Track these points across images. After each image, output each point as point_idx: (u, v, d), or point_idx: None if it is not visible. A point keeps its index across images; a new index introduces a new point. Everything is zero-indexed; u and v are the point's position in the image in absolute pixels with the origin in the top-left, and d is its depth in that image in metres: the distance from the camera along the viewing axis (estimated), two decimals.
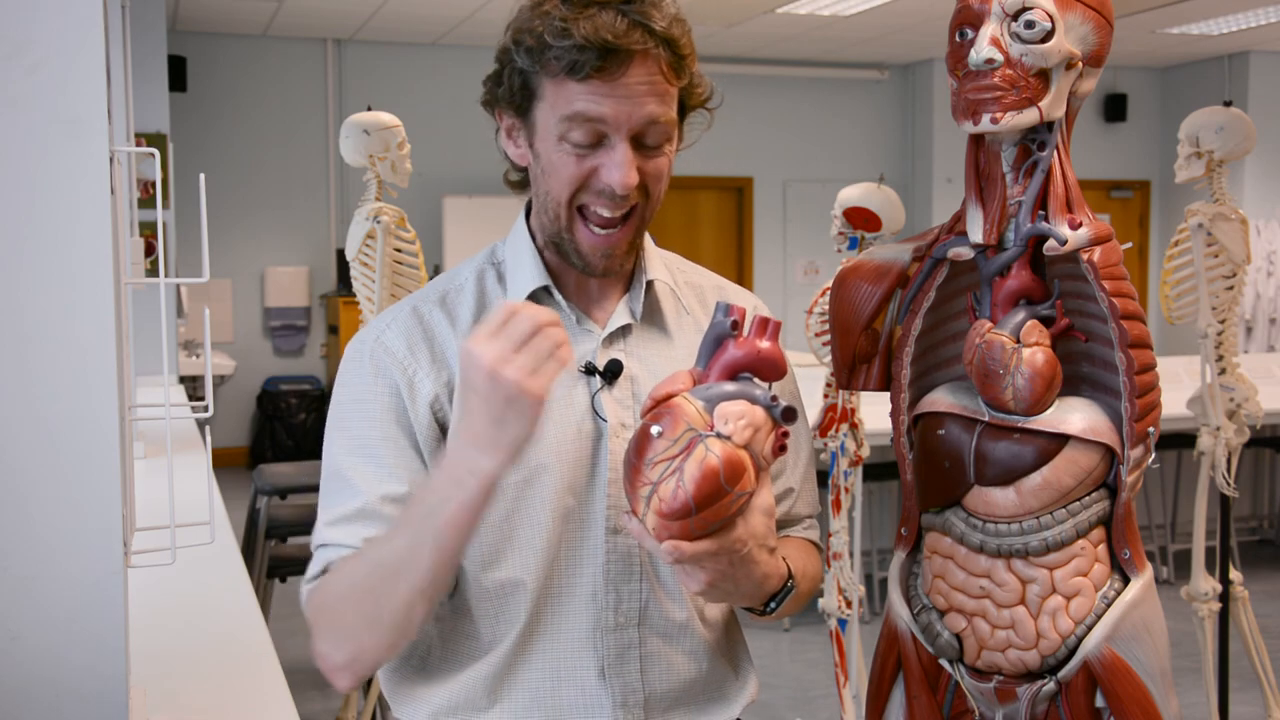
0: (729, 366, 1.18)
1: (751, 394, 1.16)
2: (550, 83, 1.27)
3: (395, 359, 1.33)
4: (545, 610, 1.33)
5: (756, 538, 1.19)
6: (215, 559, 2.40)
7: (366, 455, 1.30)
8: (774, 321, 1.19)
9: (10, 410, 1.19)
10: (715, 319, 1.19)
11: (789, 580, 1.30)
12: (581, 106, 1.25)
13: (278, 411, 8.92)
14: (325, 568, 1.28)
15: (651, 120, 1.27)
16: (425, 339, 1.34)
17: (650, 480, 1.13)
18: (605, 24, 1.23)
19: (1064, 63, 1.36)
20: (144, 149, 1.45)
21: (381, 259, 3.11)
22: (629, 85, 1.25)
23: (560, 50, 1.24)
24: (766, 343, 1.18)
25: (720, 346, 1.19)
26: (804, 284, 10.18)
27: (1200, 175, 3.19)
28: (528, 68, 1.28)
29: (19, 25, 1.16)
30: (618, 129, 1.26)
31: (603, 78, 1.24)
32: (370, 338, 1.35)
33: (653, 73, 1.27)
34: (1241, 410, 3.28)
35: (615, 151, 1.27)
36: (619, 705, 1.34)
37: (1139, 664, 1.41)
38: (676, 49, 1.28)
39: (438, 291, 1.39)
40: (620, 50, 1.23)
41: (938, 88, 9.93)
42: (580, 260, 1.33)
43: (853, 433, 3.09)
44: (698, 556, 1.15)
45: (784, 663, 4.57)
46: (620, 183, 1.27)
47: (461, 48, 9.09)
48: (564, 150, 1.28)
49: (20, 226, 1.18)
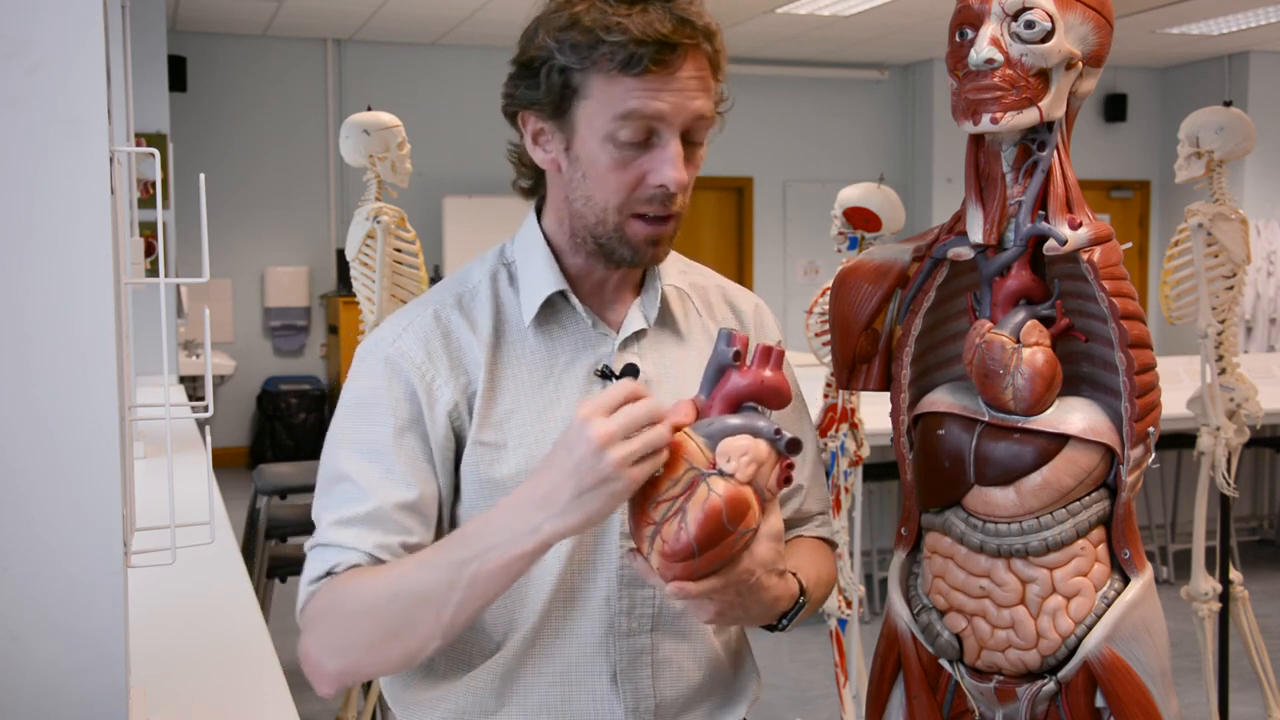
0: (732, 397, 1.15)
1: (755, 427, 1.13)
2: (600, 79, 1.25)
3: (413, 364, 1.30)
4: (557, 615, 1.32)
5: (764, 565, 1.17)
6: (215, 559, 2.40)
7: (377, 460, 1.28)
8: (777, 350, 1.16)
9: (10, 410, 1.19)
10: (718, 348, 1.16)
11: (800, 598, 1.29)
12: (637, 104, 1.24)
13: (278, 411, 8.92)
14: (330, 570, 1.25)
15: (700, 116, 1.27)
16: (444, 345, 1.32)
17: (654, 520, 1.11)
18: (658, 20, 1.23)
19: (1064, 63, 1.36)
20: (144, 149, 1.45)
21: (381, 259, 3.11)
22: (682, 80, 1.25)
23: (614, 46, 1.22)
24: (770, 372, 1.15)
25: (723, 376, 1.16)
26: (804, 284, 10.18)
27: (1200, 175, 3.19)
28: (573, 65, 1.25)
29: (19, 25, 1.16)
30: (671, 125, 1.25)
31: (660, 71, 1.23)
32: (387, 340, 1.33)
33: (701, 68, 1.26)
34: (1241, 410, 3.28)
35: (667, 149, 1.26)
36: (630, 711, 1.33)
37: (1139, 664, 1.41)
38: (716, 45, 1.28)
39: (453, 294, 1.36)
40: (675, 44, 1.23)
41: (938, 88, 9.93)
42: (630, 251, 1.31)
43: (853, 433, 3.09)
44: (704, 593, 1.13)
45: (784, 663, 4.57)
46: (674, 179, 1.26)
47: (461, 48, 9.09)
48: (610, 152, 1.26)
49: (20, 226, 1.18)
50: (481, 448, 1.30)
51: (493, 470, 1.30)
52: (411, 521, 1.27)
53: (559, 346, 1.34)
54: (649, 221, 1.29)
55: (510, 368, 1.33)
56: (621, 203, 1.28)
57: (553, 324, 1.35)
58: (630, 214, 1.29)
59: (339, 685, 1.24)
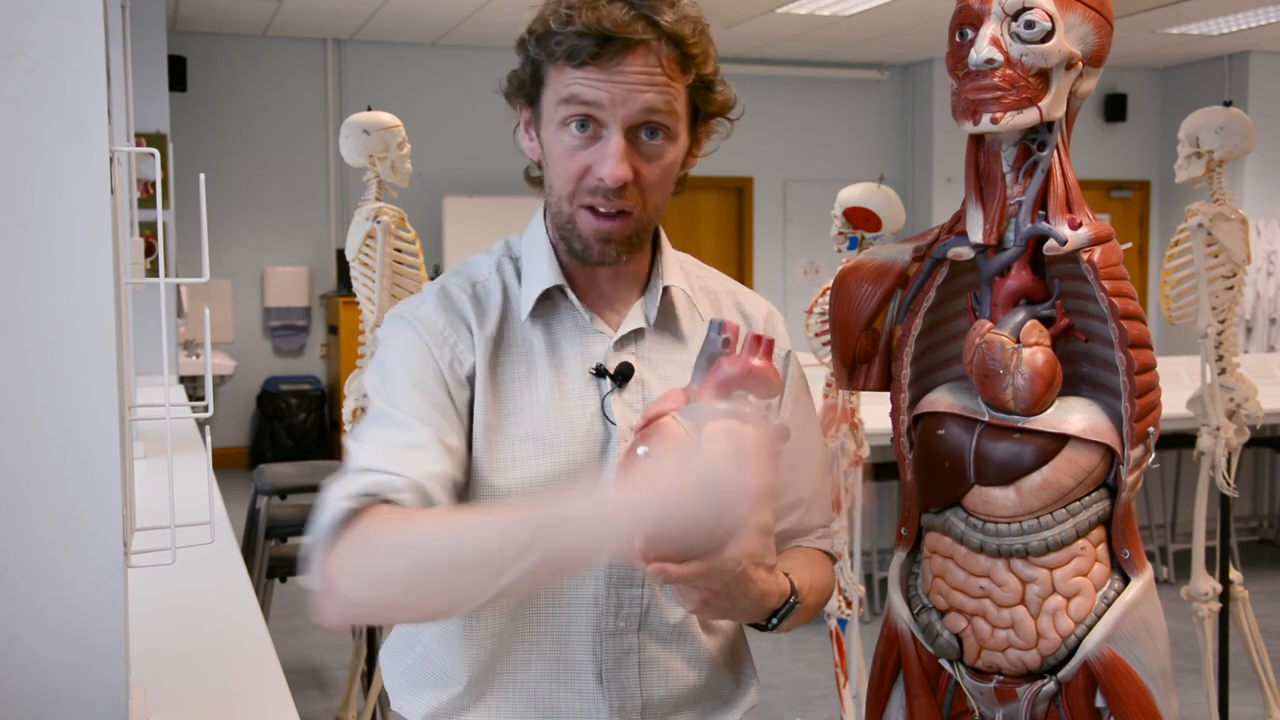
0: (722, 384, 1.17)
1: (742, 413, 1.13)
2: (553, 69, 1.29)
3: (436, 331, 1.33)
4: (544, 612, 1.33)
5: (752, 557, 1.16)
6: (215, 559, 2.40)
7: (425, 396, 1.29)
8: (767, 339, 1.18)
9: (10, 410, 1.19)
10: (709, 336, 1.19)
11: (791, 596, 1.27)
12: (576, 90, 1.27)
13: (278, 411, 8.92)
14: (374, 492, 1.19)
15: (648, 111, 1.27)
16: (462, 318, 1.34)
17: None
18: (608, 14, 1.25)
19: (1064, 63, 1.36)
20: (144, 149, 1.45)
21: (381, 259, 3.11)
22: (625, 74, 1.26)
23: (562, 36, 1.26)
24: (760, 360, 1.17)
25: (714, 364, 1.18)
26: (804, 284, 10.17)
27: (1200, 175, 3.19)
28: (537, 56, 1.30)
29: (19, 25, 1.16)
30: (613, 117, 1.27)
31: (598, 64, 1.25)
32: (409, 311, 1.36)
33: (652, 65, 1.27)
34: (1241, 410, 3.28)
35: (609, 143, 1.27)
36: (616, 710, 1.33)
37: (1139, 664, 1.41)
38: (683, 45, 1.28)
39: (469, 279, 1.38)
40: (617, 39, 1.25)
41: (938, 88, 9.93)
42: (580, 244, 1.33)
43: (853, 433, 3.09)
44: (686, 577, 1.11)
45: (784, 663, 4.57)
46: (610, 174, 1.27)
47: (461, 48, 9.09)
48: (562, 141, 1.29)
49: (20, 226, 1.18)
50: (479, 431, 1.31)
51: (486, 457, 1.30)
52: (454, 465, 1.26)
53: (555, 342, 1.36)
54: (598, 216, 1.30)
55: (508, 358, 1.34)
56: (571, 193, 1.31)
57: (550, 319, 1.36)
58: (580, 205, 1.31)
59: (352, 617, 1.21)
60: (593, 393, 1.34)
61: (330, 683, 4.31)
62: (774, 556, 1.23)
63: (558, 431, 1.31)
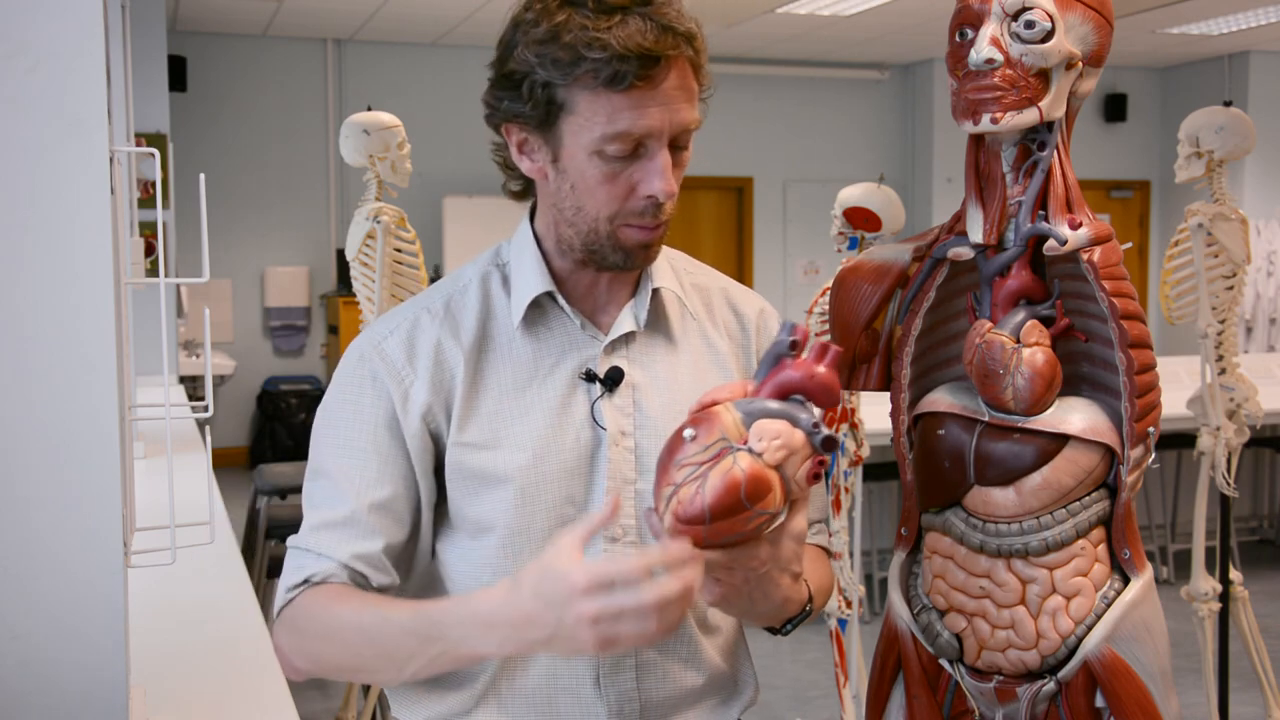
0: (781, 386, 1.17)
1: (795, 416, 1.14)
2: (586, 95, 1.23)
3: (392, 368, 1.32)
4: None
5: (781, 562, 1.18)
6: (215, 559, 2.40)
7: (354, 458, 1.31)
8: (835, 349, 1.18)
9: (10, 410, 1.19)
10: (778, 337, 1.19)
11: (808, 604, 1.30)
12: (625, 125, 1.22)
13: (278, 411, 8.92)
14: (307, 579, 1.28)
15: (687, 126, 1.27)
16: (427, 349, 1.33)
17: (674, 481, 1.13)
18: (637, 31, 1.21)
19: (1064, 63, 1.36)
20: (144, 149, 1.45)
21: (381, 259, 3.11)
22: (668, 92, 1.24)
23: (598, 62, 1.21)
24: (823, 368, 1.17)
25: (778, 365, 1.18)
26: (804, 284, 10.17)
27: (1200, 175, 3.19)
28: (556, 80, 1.24)
29: (19, 25, 1.16)
30: (660, 138, 1.25)
31: (645, 86, 1.22)
32: (371, 344, 1.34)
33: (685, 76, 1.26)
34: (1241, 410, 3.28)
35: (655, 160, 1.25)
36: (614, 713, 1.33)
37: (1139, 664, 1.41)
38: (697, 47, 1.27)
39: (443, 296, 1.37)
40: (659, 57, 1.22)
41: (938, 88, 9.93)
42: (623, 256, 1.31)
43: (853, 433, 3.09)
44: (707, 565, 1.13)
45: (784, 663, 4.57)
46: (663, 190, 1.26)
47: (461, 48, 9.09)
48: (599, 165, 1.25)
49: (20, 226, 1.18)
50: (463, 448, 1.31)
51: (477, 468, 1.31)
52: (385, 522, 1.30)
53: (545, 349, 1.35)
54: (641, 229, 1.30)
55: (494, 369, 1.33)
56: (613, 214, 1.28)
57: (540, 326, 1.35)
58: (622, 224, 1.29)
59: (306, 678, 1.31)
60: (582, 397, 1.34)
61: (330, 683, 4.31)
62: (801, 565, 1.23)
63: (547, 437, 1.31)
